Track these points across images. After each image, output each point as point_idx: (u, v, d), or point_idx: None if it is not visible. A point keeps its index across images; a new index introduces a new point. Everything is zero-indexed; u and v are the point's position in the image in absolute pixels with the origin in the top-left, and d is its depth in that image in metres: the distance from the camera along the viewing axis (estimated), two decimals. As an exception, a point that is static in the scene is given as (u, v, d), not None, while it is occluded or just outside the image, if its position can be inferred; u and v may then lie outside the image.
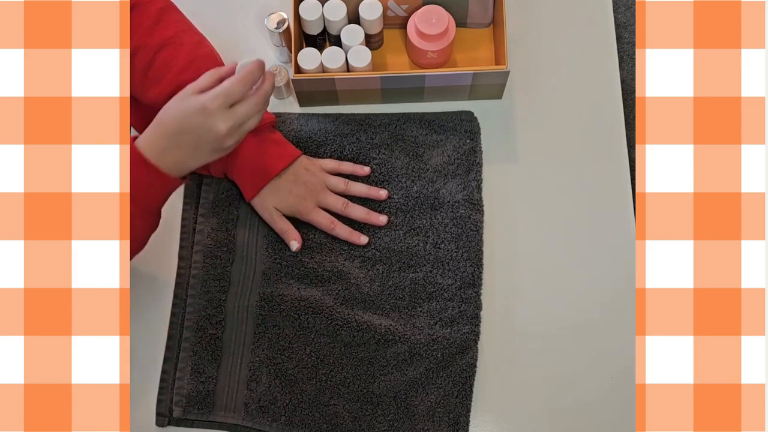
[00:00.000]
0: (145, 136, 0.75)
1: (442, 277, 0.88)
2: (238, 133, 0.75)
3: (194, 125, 0.73)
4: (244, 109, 0.74)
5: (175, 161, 0.75)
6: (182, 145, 0.74)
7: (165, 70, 0.85)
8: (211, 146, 0.75)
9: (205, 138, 0.74)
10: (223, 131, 0.73)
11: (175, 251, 0.91)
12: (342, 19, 0.92)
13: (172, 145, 0.74)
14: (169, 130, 0.74)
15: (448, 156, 0.92)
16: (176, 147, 0.74)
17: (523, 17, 1.00)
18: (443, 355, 0.85)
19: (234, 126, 0.74)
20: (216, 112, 0.72)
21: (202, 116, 0.72)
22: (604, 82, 0.97)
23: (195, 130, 0.73)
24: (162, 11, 0.87)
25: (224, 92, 0.72)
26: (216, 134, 0.73)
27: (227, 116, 0.73)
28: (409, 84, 0.91)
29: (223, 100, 0.72)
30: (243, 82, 0.73)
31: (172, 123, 0.74)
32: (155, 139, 0.75)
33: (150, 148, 0.75)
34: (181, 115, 0.73)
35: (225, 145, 0.75)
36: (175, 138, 0.74)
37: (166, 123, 0.74)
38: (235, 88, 0.73)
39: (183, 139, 0.74)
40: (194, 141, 0.74)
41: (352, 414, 0.84)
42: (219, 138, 0.74)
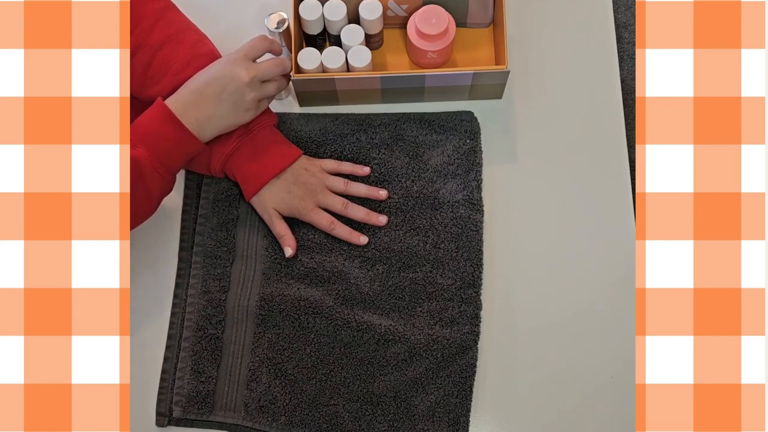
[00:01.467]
0: (174, 95, 0.81)
1: (442, 277, 0.88)
2: (259, 90, 0.81)
3: (218, 74, 0.80)
4: (266, 65, 0.81)
5: (198, 117, 0.80)
6: (206, 97, 0.80)
7: (164, 69, 0.85)
8: (233, 98, 0.80)
9: (228, 88, 0.79)
10: (245, 79, 0.79)
11: (175, 251, 0.91)
12: (342, 19, 0.92)
13: (196, 99, 0.80)
14: (195, 83, 0.81)
15: (448, 156, 0.92)
16: (200, 100, 0.80)
17: (523, 17, 1.00)
18: (443, 355, 0.85)
19: (255, 78, 0.80)
20: (239, 60, 0.80)
21: (226, 64, 0.80)
22: (604, 82, 0.97)
23: (219, 80, 0.79)
24: (162, 10, 0.87)
25: (248, 46, 0.81)
26: (238, 82, 0.79)
27: (249, 65, 0.80)
28: (409, 84, 0.91)
29: (246, 51, 0.81)
30: (266, 40, 0.82)
31: (198, 77, 0.81)
32: (181, 93, 0.81)
33: (175, 101, 0.80)
34: (207, 72, 0.81)
35: (246, 98, 0.80)
36: (199, 90, 0.80)
37: (193, 79, 0.81)
38: (259, 44, 0.82)
39: (207, 90, 0.79)
40: (217, 91, 0.79)
41: (352, 414, 0.84)
42: (240, 87, 0.79)
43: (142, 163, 0.79)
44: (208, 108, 0.80)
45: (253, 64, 0.81)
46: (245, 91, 0.80)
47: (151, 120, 0.80)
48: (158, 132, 0.79)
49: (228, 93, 0.80)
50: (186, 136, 0.80)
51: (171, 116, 0.79)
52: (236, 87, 0.79)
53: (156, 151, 0.79)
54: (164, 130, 0.80)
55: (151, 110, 0.80)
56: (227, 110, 0.81)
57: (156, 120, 0.80)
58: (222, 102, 0.80)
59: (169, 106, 0.80)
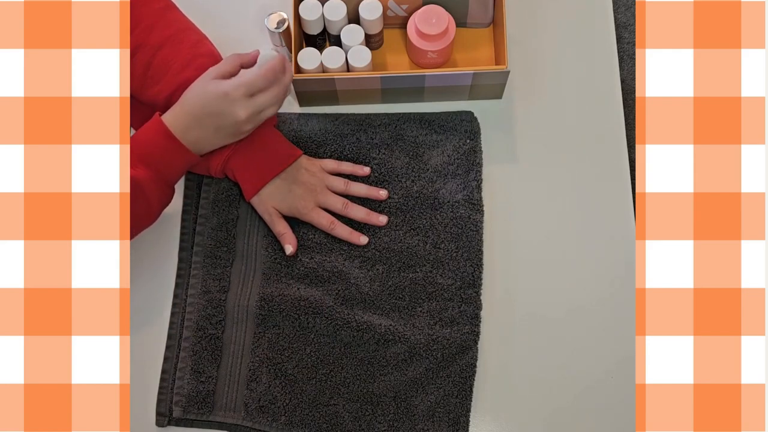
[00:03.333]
0: (172, 113, 0.81)
1: (442, 277, 0.88)
2: (256, 120, 0.82)
3: (216, 110, 0.79)
4: (264, 99, 0.80)
5: (197, 139, 0.81)
6: (204, 126, 0.80)
7: (164, 69, 0.85)
8: (230, 129, 0.81)
9: (226, 122, 0.80)
10: (242, 118, 0.80)
11: (175, 251, 0.91)
12: (342, 19, 0.92)
13: (195, 125, 0.80)
14: (194, 111, 0.80)
15: (448, 156, 0.92)
16: (199, 126, 0.80)
17: (523, 17, 1.00)
18: (443, 355, 0.85)
19: (253, 113, 0.80)
20: (237, 99, 0.79)
21: (225, 102, 0.79)
22: (604, 82, 0.97)
23: (217, 114, 0.79)
24: (162, 10, 0.87)
25: (246, 83, 0.79)
26: (235, 119, 0.80)
27: (248, 104, 0.79)
28: (409, 84, 0.91)
29: (245, 91, 0.79)
30: (265, 77, 0.79)
31: (196, 105, 0.80)
32: (181, 117, 0.80)
33: (175, 124, 0.80)
34: (204, 99, 0.79)
35: (243, 129, 0.82)
36: (198, 119, 0.80)
37: (191, 104, 0.80)
38: (257, 81, 0.79)
39: (205, 121, 0.80)
40: (215, 123, 0.80)
41: (352, 414, 0.84)
42: (238, 123, 0.80)
43: (142, 183, 0.80)
44: (206, 134, 0.81)
45: (251, 102, 0.80)
46: (243, 126, 0.81)
47: (151, 139, 0.81)
48: (158, 151, 0.81)
49: (226, 126, 0.81)
50: (185, 153, 0.82)
51: (170, 135, 0.80)
52: (233, 123, 0.80)
53: (156, 168, 0.81)
54: (164, 149, 0.81)
55: (150, 129, 0.81)
56: (226, 137, 0.83)
57: (155, 140, 0.81)
58: (220, 131, 0.81)
59: (168, 126, 0.80)
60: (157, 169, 0.81)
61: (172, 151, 0.81)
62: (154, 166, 0.81)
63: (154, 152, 0.81)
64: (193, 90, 0.81)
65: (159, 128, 0.81)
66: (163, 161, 0.81)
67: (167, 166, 0.82)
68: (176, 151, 0.81)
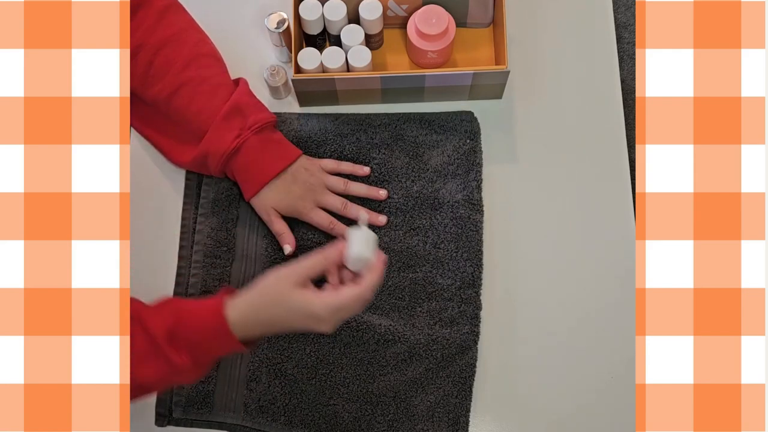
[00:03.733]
0: (239, 313, 0.71)
1: (442, 277, 0.88)
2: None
3: (301, 326, 0.71)
4: (351, 314, 0.72)
5: (260, 335, 0.74)
6: (276, 329, 0.72)
7: (166, 69, 0.85)
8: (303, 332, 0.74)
9: (307, 330, 0.71)
10: (329, 332, 0.71)
11: (175, 251, 0.91)
12: (342, 19, 0.92)
13: (264, 330, 0.72)
14: (271, 321, 0.71)
15: (448, 156, 0.92)
16: (269, 330, 0.72)
17: (523, 17, 1.00)
18: (443, 355, 0.85)
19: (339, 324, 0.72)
20: (327, 321, 0.70)
21: (312, 322, 0.70)
22: (604, 82, 0.97)
23: (299, 328, 0.71)
24: (165, 9, 0.88)
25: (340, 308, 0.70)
26: (319, 332, 0.71)
27: (336, 321, 0.71)
28: (409, 84, 0.91)
29: (336, 314, 0.70)
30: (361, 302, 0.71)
31: (275, 318, 0.71)
32: (251, 322, 0.71)
33: (240, 324, 0.70)
34: (288, 315, 0.70)
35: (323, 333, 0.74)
36: (271, 327, 0.72)
37: (269, 314, 0.71)
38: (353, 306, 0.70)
39: (281, 326, 0.71)
40: (294, 329, 0.72)
41: (352, 414, 0.84)
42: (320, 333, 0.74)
43: (182, 370, 0.71)
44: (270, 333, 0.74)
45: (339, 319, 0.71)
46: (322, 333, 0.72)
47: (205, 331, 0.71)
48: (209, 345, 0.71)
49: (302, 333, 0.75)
50: (235, 347, 0.72)
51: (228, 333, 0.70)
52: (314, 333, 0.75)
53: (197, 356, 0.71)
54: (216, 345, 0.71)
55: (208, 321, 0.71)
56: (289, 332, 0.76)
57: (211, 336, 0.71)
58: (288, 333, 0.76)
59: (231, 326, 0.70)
60: (197, 357, 0.71)
61: (224, 346, 0.71)
62: (197, 354, 0.71)
63: (203, 344, 0.71)
64: (271, 297, 0.70)
65: (219, 326, 0.70)
66: (210, 353, 0.72)
67: (212, 356, 0.73)
68: (228, 346, 0.71)
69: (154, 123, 0.92)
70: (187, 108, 0.86)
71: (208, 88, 0.86)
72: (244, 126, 0.85)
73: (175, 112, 0.87)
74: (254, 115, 0.86)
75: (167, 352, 0.69)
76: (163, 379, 0.71)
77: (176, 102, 0.86)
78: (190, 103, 0.86)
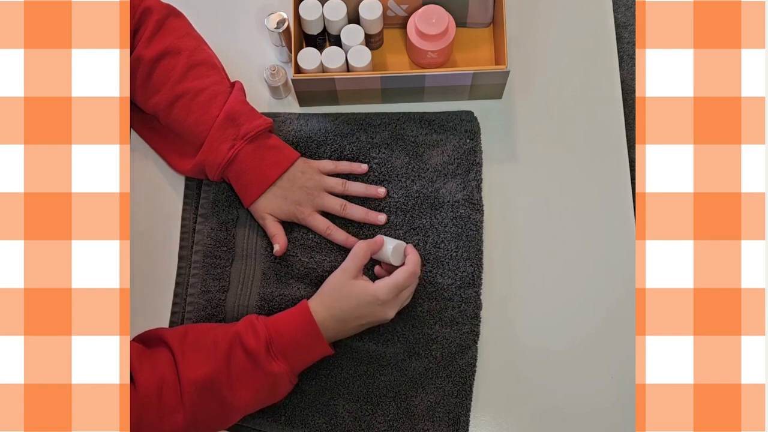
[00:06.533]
0: (320, 316, 0.79)
1: (442, 276, 0.88)
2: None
3: (367, 312, 0.80)
4: (407, 294, 0.82)
5: (336, 334, 0.81)
6: (349, 326, 0.81)
7: (164, 79, 0.86)
8: (374, 325, 0.83)
9: (373, 320, 0.81)
10: (391, 317, 0.81)
11: (175, 251, 0.91)
12: (342, 19, 0.92)
13: (341, 327, 0.81)
14: (343, 315, 0.80)
15: (448, 156, 0.92)
16: (344, 327, 0.81)
17: (523, 17, 1.00)
18: (443, 355, 0.85)
19: (398, 308, 0.82)
20: (388, 302, 0.80)
21: (376, 306, 0.80)
22: (604, 82, 0.97)
23: (366, 316, 0.80)
24: (161, 19, 0.88)
25: (396, 285, 0.80)
26: (384, 319, 0.81)
27: (396, 304, 0.81)
28: (409, 84, 0.91)
29: (395, 293, 0.80)
30: (414, 276, 0.81)
31: (345, 309, 0.80)
32: (328, 320, 0.80)
33: (322, 328, 0.79)
34: (355, 303, 0.80)
35: (385, 321, 0.82)
36: (345, 321, 0.80)
37: (340, 308, 0.80)
38: (405, 282, 0.81)
39: (351, 323, 0.81)
40: (362, 322, 0.81)
41: (352, 414, 0.84)
42: (385, 320, 0.81)
43: (279, 378, 0.78)
44: (346, 330, 0.82)
45: (398, 301, 0.81)
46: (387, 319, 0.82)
47: (298, 334, 0.79)
48: (303, 348, 0.79)
49: (371, 323, 0.82)
50: (324, 350, 0.81)
51: (318, 335, 0.79)
52: (380, 320, 0.81)
53: (292, 363, 0.79)
54: (309, 348, 0.80)
55: (298, 324, 0.79)
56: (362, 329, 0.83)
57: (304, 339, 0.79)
58: (361, 327, 0.82)
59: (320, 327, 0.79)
60: (293, 364, 0.79)
61: (316, 349, 0.80)
62: (292, 360, 0.79)
63: (298, 348, 0.79)
64: (338, 291, 0.81)
65: (309, 328, 0.79)
66: (303, 358, 0.80)
67: (305, 362, 0.81)
68: (319, 350, 0.80)
69: (157, 131, 0.93)
70: (185, 121, 0.86)
71: (204, 99, 0.86)
72: (237, 136, 0.85)
73: (174, 124, 0.88)
74: (247, 124, 0.86)
75: (264, 363, 0.77)
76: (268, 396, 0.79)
77: (174, 114, 0.87)
78: (186, 115, 0.86)
